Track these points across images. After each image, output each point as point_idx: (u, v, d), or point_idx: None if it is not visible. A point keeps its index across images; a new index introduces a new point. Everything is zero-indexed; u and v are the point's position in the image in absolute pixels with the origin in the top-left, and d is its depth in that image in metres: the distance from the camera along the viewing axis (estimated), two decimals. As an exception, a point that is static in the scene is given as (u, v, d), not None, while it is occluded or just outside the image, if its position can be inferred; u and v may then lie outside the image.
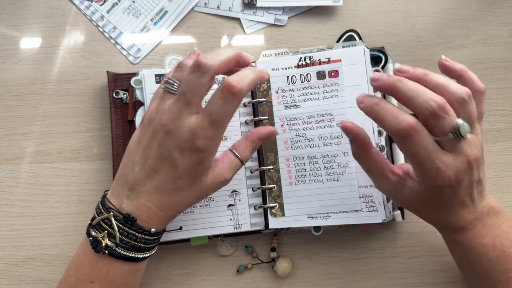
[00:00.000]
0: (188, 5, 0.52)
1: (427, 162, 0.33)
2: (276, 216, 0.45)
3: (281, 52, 0.50)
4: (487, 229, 0.38)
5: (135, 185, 0.37)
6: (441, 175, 0.34)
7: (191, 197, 0.39)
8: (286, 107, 0.46)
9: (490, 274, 0.38)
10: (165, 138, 0.37)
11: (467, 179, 0.35)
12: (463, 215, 0.37)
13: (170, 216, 0.39)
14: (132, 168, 0.38)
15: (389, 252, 0.49)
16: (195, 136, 0.36)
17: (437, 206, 0.37)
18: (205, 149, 0.36)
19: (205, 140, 0.36)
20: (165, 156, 0.37)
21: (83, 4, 0.51)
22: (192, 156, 0.36)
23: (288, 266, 0.47)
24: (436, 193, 0.35)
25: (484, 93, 0.37)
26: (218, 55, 0.36)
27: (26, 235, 0.48)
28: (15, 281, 0.47)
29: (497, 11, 0.53)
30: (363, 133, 0.37)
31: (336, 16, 0.52)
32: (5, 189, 0.48)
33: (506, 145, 0.51)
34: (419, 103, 0.32)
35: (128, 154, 0.39)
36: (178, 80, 0.38)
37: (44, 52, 0.50)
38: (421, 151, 0.33)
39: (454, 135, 0.33)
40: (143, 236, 0.37)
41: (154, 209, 0.38)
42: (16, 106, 0.49)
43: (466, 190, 0.36)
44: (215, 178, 0.39)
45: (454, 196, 0.35)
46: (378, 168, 0.38)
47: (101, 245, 0.36)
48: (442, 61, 0.37)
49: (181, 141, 0.36)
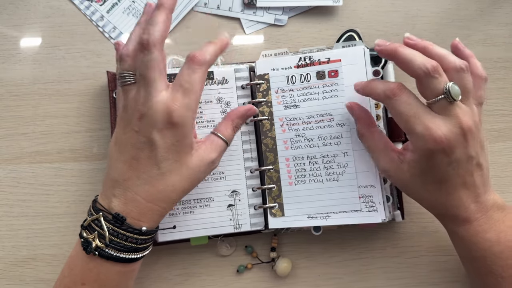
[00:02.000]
0: (188, 5, 0.52)
1: (415, 119, 0.35)
2: (276, 216, 0.45)
3: (281, 52, 0.50)
4: (491, 224, 0.38)
5: (122, 180, 0.37)
6: (430, 134, 0.35)
7: (181, 182, 0.38)
8: (286, 107, 0.46)
9: (494, 269, 0.38)
10: (139, 123, 0.36)
11: (462, 151, 0.35)
12: (465, 202, 0.37)
13: (162, 209, 0.38)
14: (115, 166, 0.38)
15: (389, 252, 0.49)
16: (169, 109, 0.36)
17: (434, 182, 0.37)
18: (182, 122, 0.36)
19: (180, 110, 0.36)
20: (143, 141, 0.36)
21: (83, 4, 0.51)
22: (171, 132, 0.36)
23: (288, 266, 0.47)
24: (430, 162, 0.36)
25: (486, 80, 0.39)
26: (153, 25, 0.36)
27: (26, 235, 0.48)
28: (15, 281, 0.47)
29: (497, 11, 0.53)
30: (367, 112, 0.42)
31: (336, 16, 0.52)
32: (5, 189, 0.48)
33: (506, 145, 0.51)
34: (415, 65, 0.35)
35: (109, 156, 0.39)
36: (128, 70, 0.38)
37: (44, 52, 0.50)
38: (408, 108, 0.35)
39: (445, 95, 0.35)
40: (134, 236, 0.37)
41: (143, 202, 0.37)
42: (16, 106, 0.49)
43: (464, 167, 0.36)
44: (201, 159, 0.39)
45: (448, 167, 0.36)
46: (380, 145, 0.40)
47: (91, 246, 0.36)
48: (456, 42, 0.41)
49: (157, 119, 0.36)
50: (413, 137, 0.36)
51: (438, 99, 0.35)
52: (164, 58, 0.37)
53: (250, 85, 0.46)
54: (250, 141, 0.46)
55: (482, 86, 0.39)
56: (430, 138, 0.35)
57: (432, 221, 0.49)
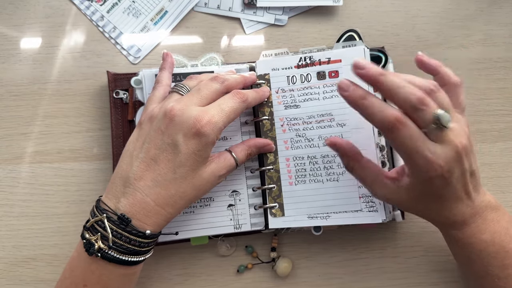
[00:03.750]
0: (188, 5, 0.52)
1: (415, 152, 0.34)
2: (276, 216, 0.45)
3: (281, 52, 0.50)
4: (486, 225, 0.38)
5: (134, 180, 0.37)
6: (431, 165, 0.34)
7: (190, 190, 0.38)
8: (286, 107, 0.46)
9: (491, 270, 0.38)
10: (169, 124, 0.38)
11: (459, 169, 0.35)
12: (461, 209, 0.37)
13: (168, 214, 0.38)
14: (131, 164, 0.38)
15: (389, 252, 0.49)
16: (201, 120, 0.37)
17: (433, 201, 0.37)
18: (208, 134, 0.37)
19: (210, 124, 0.37)
20: (167, 143, 0.37)
21: (83, 4, 0.51)
22: (195, 140, 0.37)
23: (288, 266, 0.47)
24: (429, 186, 0.35)
25: (461, 85, 0.38)
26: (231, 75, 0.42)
27: (26, 235, 0.48)
28: (15, 281, 0.47)
29: (497, 11, 0.53)
30: (351, 144, 0.39)
31: (336, 16, 0.52)
32: (5, 189, 0.48)
33: (506, 145, 0.51)
34: (400, 97, 0.34)
35: (126, 151, 0.39)
36: (189, 87, 0.41)
37: (44, 52, 0.50)
38: (409, 142, 0.34)
39: (436, 125, 0.34)
40: (137, 239, 0.37)
41: (152, 204, 0.37)
42: (16, 106, 0.49)
43: (460, 181, 0.36)
44: (212, 172, 0.39)
45: (447, 187, 0.35)
46: (372, 175, 0.39)
47: (94, 248, 0.36)
48: (419, 57, 0.39)
49: (186, 125, 0.37)
50: (413, 168, 0.35)
51: (431, 128, 0.34)
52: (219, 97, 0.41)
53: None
54: (250, 141, 0.46)
55: (459, 92, 0.38)
56: (430, 169, 0.34)
57: (432, 221, 0.49)
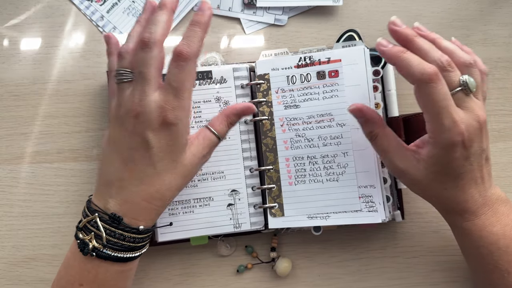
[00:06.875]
0: (188, 5, 0.52)
1: (445, 110, 0.34)
2: (275, 216, 0.45)
3: (281, 52, 0.50)
4: (497, 217, 0.38)
5: (116, 181, 0.37)
6: (456, 128, 0.34)
7: (176, 180, 0.38)
8: (286, 107, 0.46)
9: (500, 264, 0.37)
10: (134, 123, 0.36)
11: (477, 144, 0.36)
12: (475, 196, 0.37)
13: (158, 208, 0.38)
14: (110, 166, 0.38)
15: (389, 252, 0.49)
16: (163, 110, 0.35)
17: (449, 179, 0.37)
18: (176, 122, 0.36)
19: (174, 111, 0.36)
20: (138, 142, 0.36)
21: (83, 4, 0.51)
22: (165, 132, 0.36)
23: (288, 266, 0.47)
24: (449, 155, 0.35)
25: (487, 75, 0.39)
26: (155, 24, 0.36)
27: (26, 235, 0.48)
28: (15, 281, 0.47)
29: (497, 11, 0.53)
30: (376, 112, 0.40)
31: (336, 16, 0.52)
32: (5, 189, 0.48)
33: (506, 145, 0.51)
34: (430, 57, 0.35)
35: (103, 155, 0.39)
36: (126, 68, 0.37)
37: (44, 52, 0.50)
38: (440, 98, 0.34)
39: (463, 87, 0.35)
40: (132, 235, 0.37)
41: (140, 202, 0.37)
42: (16, 106, 0.49)
43: (477, 160, 0.36)
44: (194, 155, 0.38)
45: (465, 161, 0.36)
46: (394, 144, 0.39)
47: (88, 247, 0.36)
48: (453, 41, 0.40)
49: (151, 120, 0.36)
50: (439, 129, 0.35)
51: (456, 91, 0.35)
52: (163, 58, 0.37)
53: (250, 85, 0.46)
54: (249, 140, 0.46)
55: (485, 81, 0.39)
56: (456, 131, 0.34)
57: (432, 221, 0.49)
